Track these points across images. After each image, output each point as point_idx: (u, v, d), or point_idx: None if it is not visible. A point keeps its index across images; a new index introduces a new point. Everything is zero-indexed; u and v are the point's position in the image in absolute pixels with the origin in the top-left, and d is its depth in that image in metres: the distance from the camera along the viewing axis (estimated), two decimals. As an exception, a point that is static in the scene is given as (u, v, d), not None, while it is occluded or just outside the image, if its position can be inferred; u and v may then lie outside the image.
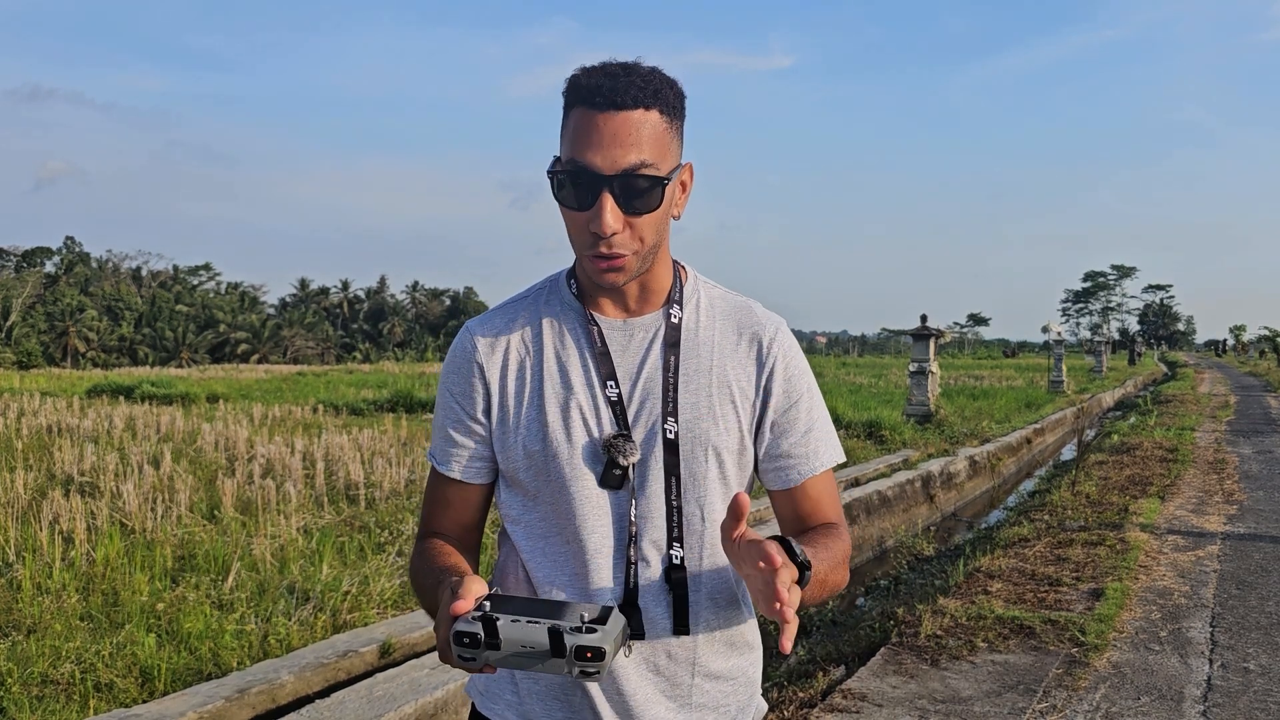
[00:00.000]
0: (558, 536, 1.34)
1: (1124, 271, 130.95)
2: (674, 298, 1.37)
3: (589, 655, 1.04)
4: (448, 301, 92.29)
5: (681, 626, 1.33)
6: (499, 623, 1.04)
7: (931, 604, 5.38)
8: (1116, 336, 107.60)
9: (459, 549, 1.38)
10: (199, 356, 65.80)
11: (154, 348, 66.55)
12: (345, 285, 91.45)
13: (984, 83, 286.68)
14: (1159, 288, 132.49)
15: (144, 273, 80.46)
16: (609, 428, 1.32)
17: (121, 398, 19.26)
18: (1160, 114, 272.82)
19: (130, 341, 67.03)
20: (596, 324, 1.35)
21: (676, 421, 1.33)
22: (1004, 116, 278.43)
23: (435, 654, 4.21)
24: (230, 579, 5.32)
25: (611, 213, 1.21)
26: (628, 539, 1.32)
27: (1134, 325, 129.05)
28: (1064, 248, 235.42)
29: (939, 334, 16.92)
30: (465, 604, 1.07)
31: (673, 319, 1.36)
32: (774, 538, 1.14)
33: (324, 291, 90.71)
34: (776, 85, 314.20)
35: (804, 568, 1.13)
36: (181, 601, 4.97)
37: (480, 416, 1.37)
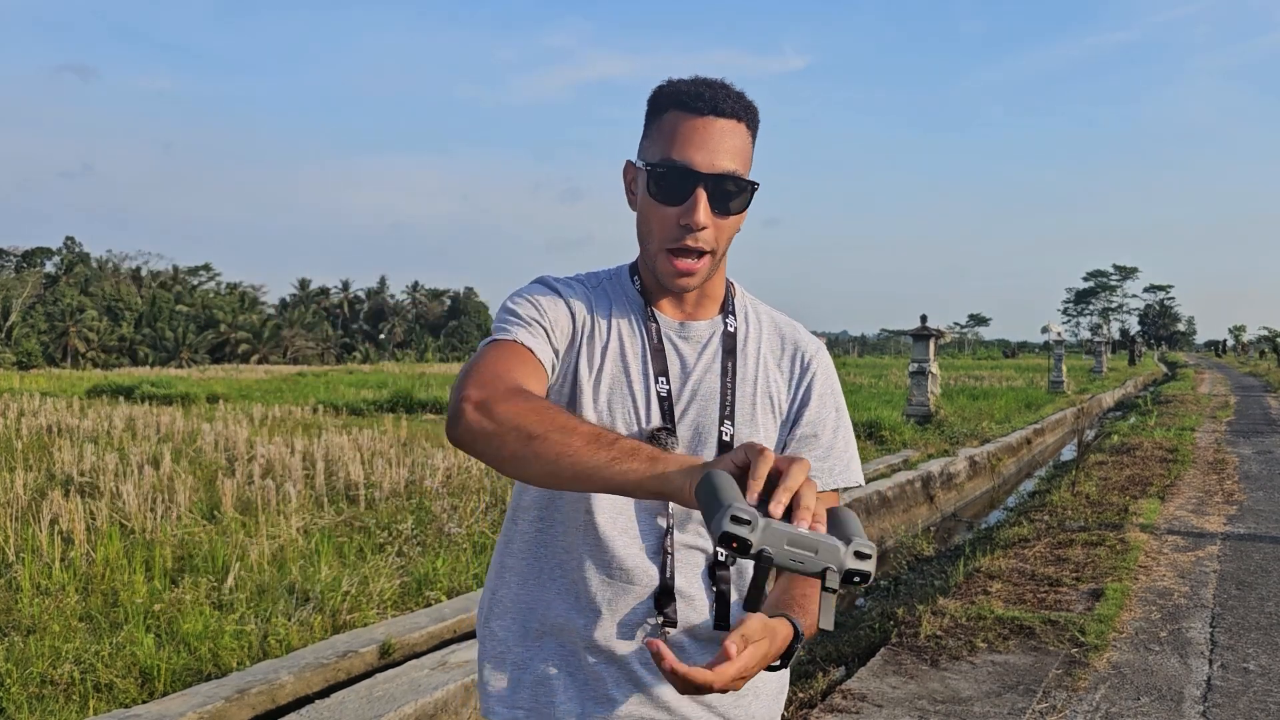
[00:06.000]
0: (592, 519, 1.37)
1: (1126, 272, 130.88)
2: (728, 307, 1.45)
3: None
4: (448, 302, 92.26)
5: (722, 622, 1.36)
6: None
7: (931, 604, 5.37)
8: (1117, 337, 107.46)
9: None
10: (199, 357, 65.73)
11: (154, 348, 66.49)
12: (345, 285, 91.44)
13: (990, 85, 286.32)
14: (1160, 288, 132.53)
15: (144, 273, 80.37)
16: (655, 421, 1.37)
17: (121, 398, 19.26)
18: (1162, 114, 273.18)
19: (130, 342, 67.00)
20: (656, 321, 1.41)
21: (733, 424, 1.38)
22: (1007, 117, 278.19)
23: (435, 654, 4.21)
24: (230, 579, 5.31)
25: (704, 208, 1.30)
26: (665, 530, 1.36)
27: (1134, 325, 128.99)
28: (1065, 248, 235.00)
29: (939, 334, 16.91)
30: None
31: (729, 327, 1.43)
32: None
33: (324, 292, 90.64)
34: (789, 86, 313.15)
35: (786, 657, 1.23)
36: (181, 602, 4.97)
37: (559, 333, 1.36)
